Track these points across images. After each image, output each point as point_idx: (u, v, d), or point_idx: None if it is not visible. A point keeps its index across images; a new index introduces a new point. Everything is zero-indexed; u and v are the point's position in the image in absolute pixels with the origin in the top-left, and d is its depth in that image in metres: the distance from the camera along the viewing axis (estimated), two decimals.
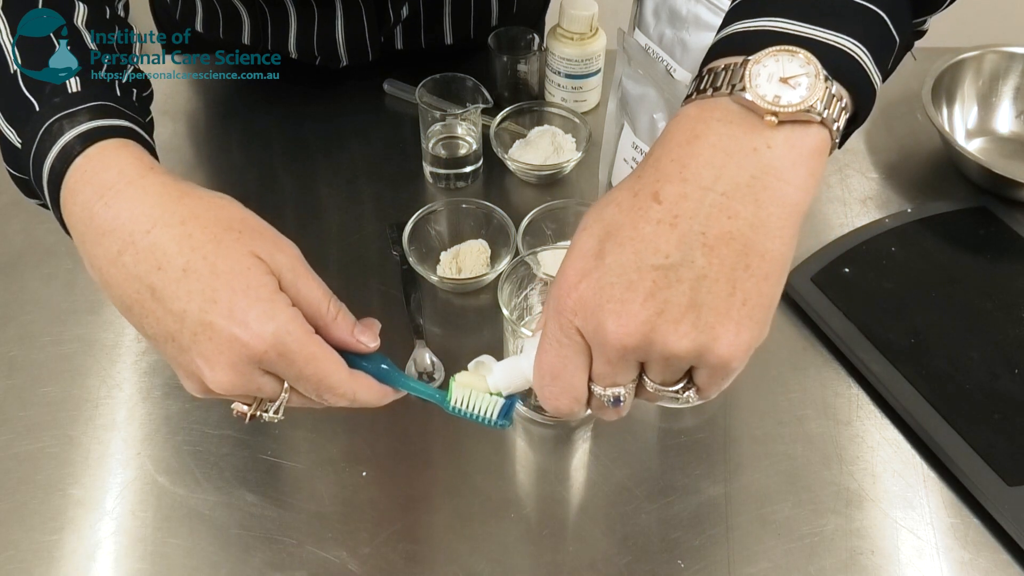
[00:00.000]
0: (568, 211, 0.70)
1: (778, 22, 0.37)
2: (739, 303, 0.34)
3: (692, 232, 0.34)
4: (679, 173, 0.35)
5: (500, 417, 0.44)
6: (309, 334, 0.40)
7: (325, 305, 0.42)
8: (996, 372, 0.61)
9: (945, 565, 0.53)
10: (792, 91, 0.35)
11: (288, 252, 0.42)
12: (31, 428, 0.59)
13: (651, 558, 0.53)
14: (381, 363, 0.45)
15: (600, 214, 0.37)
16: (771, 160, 0.35)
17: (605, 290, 0.35)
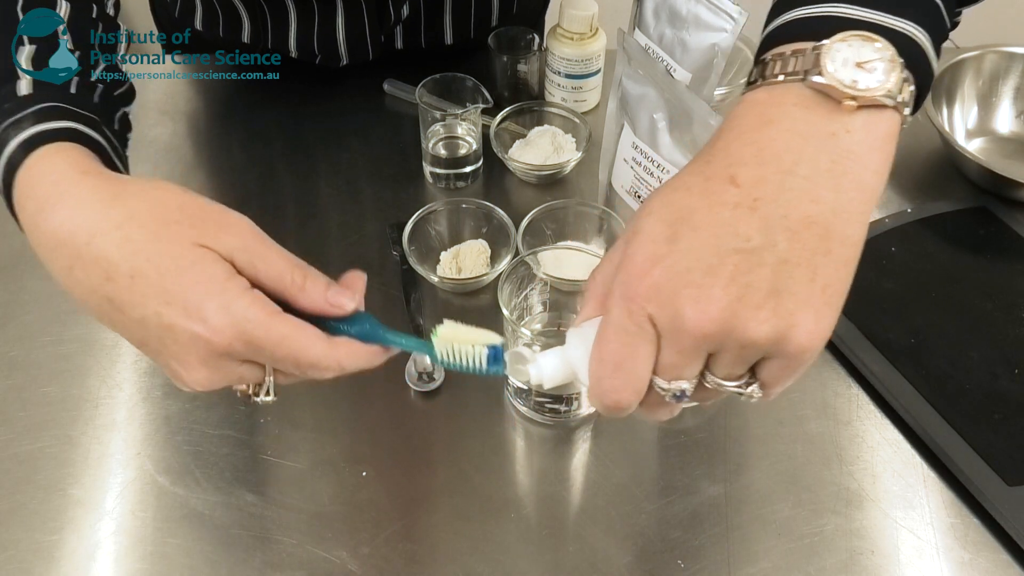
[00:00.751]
0: (568, 211, 0.70)
1: (841, 7, 0.37)
2: (819, 289, 0.33)
3: (774, 215, 0.33)
4: (756, 156, 0.35)
5: (490, 364, 0.42)
6: (272, 315, 0.39)
7: (288, 276, 0.40)
8: (996, 372, 0.61)
9: (945, 565, 0.53)
10: (869, 75, 0.34)
11: (236, 231, 0.40)
12: (31, 428, 0.59)
13: (651, 558, 0.53)
14: (366, 322, 0.42)
15: (668, 198, 0.36)
16: (850, 145, 0.34)
17: (682, 275, 0.34)
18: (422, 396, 0.61)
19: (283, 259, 0.40)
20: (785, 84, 0.35)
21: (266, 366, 0.41)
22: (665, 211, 0.35)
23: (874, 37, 0.35)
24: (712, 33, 0.57)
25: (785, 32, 0.38)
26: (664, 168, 0.61)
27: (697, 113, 0.57)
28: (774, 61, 0.37)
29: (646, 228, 0.35)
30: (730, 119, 0.37)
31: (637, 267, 0.35)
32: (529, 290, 0.60)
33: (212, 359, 0.39)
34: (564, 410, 0.59)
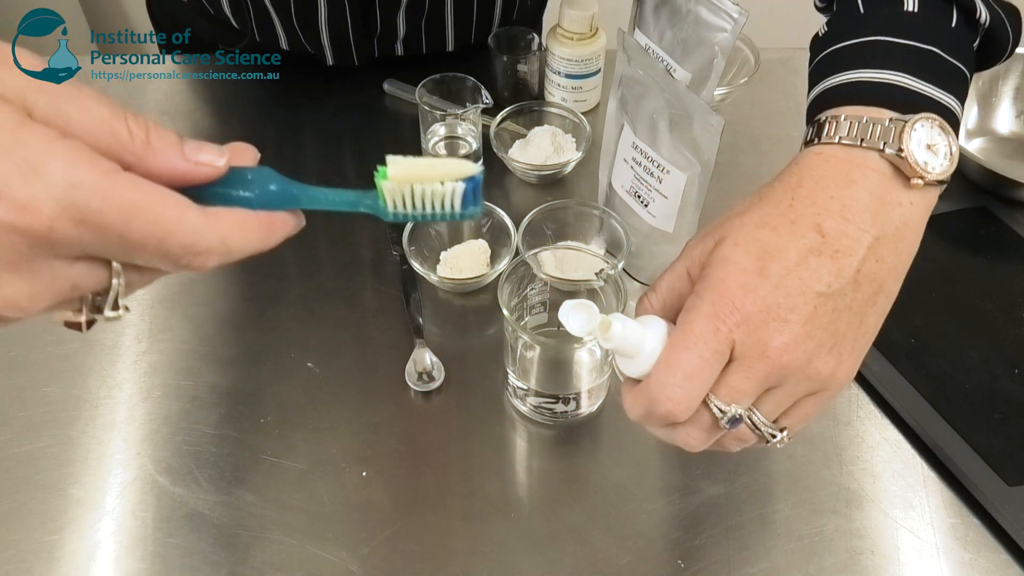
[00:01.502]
0: (568, 211, 0.70)
1: (903, 78, 0.41)
2: (862, 335, 0.39)
3: (849, 268, 0.38)
4: (840, 212, 0.38)
5: (467, 204, 0.32)
6: (110, 174, 0.26)
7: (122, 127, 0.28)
8: (996, 372, 0.61)
9: (945, 565, 0.53)
10: (935, 158, 0.39)
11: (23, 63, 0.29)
12: (31, 428, 0.59)
13: (651, 558, 0.53)
14: (269, 184, 0.31)
15: (755, 234, 0.39)
16: (910, 215, 0.39)
17: (771, 309, 0.37)
18: (422, 396, 0.61)
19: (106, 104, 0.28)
20: (864, 149, 0.39)
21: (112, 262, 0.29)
22: (752, 245, 0.38)
23: (942, 123, 0.39)
24: (712, 33, 0.57)
25: (855, 92, 0.42)
26: (664, 168, 0.61)
27: (697, 113, 0.57)
28: (850, 122, 0.40)
29: (735, 257, 0.38)
30: (810, 168, 0.40)
31: (731, 292, 0.37)
32: (529, 290, 0.60)
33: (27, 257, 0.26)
34: (564, 410, 0.59)
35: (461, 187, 0.31)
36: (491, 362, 0.63)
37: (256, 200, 0.31)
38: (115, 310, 0.30)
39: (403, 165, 0.31)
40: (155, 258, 0.28)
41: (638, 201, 0.66)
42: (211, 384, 0.62)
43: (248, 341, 0.65)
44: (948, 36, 0.43)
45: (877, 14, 0.44)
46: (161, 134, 0.29)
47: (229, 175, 0.30)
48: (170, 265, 0.29)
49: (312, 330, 0.65)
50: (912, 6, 0.44)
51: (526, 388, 0.59)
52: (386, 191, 0.32)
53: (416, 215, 0.32)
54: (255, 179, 0.31)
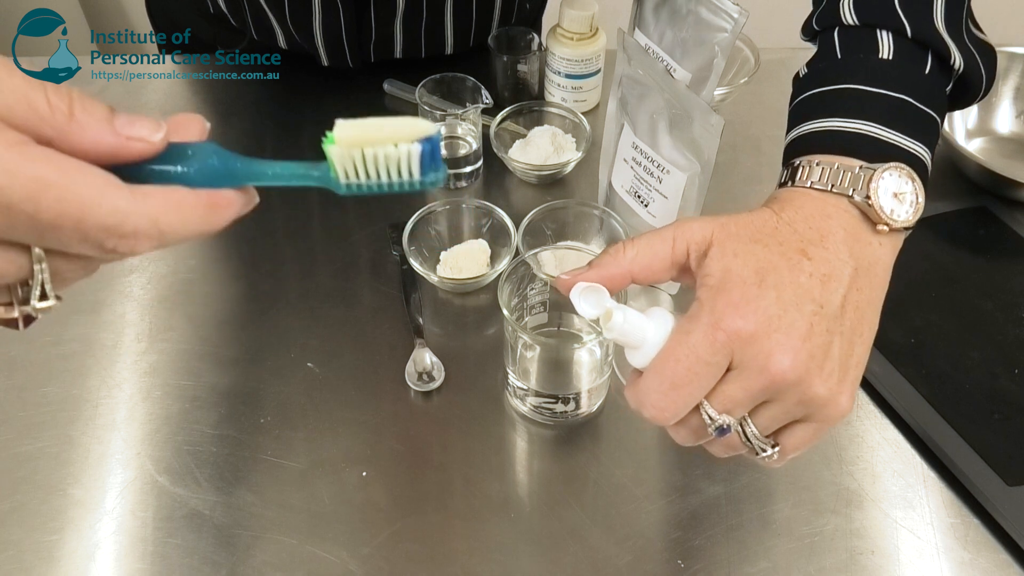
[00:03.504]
0: (568, 211, 0.70)
1: (875, 129, 0.43)
2: (854, 364, 0.39)
3: (837, 293, 0.39)
4: (821, 241, 0.40)
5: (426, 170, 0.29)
6: (18, 146, 0.24)
7: (39, 96, 0.25)
8: (996, 372, 0.61)
9: (945, 565, 0.53)
10: (901, 206, 0.41)
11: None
12: (31, 428, 0.59)
13: (651, 558, 0.53)
14: (209, 158, 0.28)
15: (749, 248, 0.39)
16: (880, 254, 0.41)
17: (772, 321, 0.37)
18: (422, 396, 0.61)
19: (19, 74, 0.25)
20: (835, 194, 0.41)
21: (32, 248, 0.26)
22: (750, 259, 0.39)
23: (910, 171, 0.41)
24: (712, 33, 0.57)
25: (828, 141, 0.44)
26: (664, 168, 0.61)
27: (697, 113, 0.57)
28: (822, 168, 0.42)
29: (736, 269, 0.39)
30: (789, 200, 0.42)
31: (732, 301, 0.38)
32: (529, 290, 0.60)
33: None
34: (564, 410, 0.59)
35: (417, 149, 0.28)
36: (491, 362, 0.63)
37: (196, 176, 0.27)
38: (44, 300, 0.27)
39: (351, 128, 0.28)
40: (75, 242, 0.25)
41: (638, 201, 0.66)
42: (211, 384, 0.62)
43: (248, 341, 0.65)
44: (921, 83, 0.45)
45: (853, 61, 0.46)
46: (87, 106, 0.26)
47: (168, 151, 0.27)
48: (94, 249, 0.26)
49: (312, 330, 0.65)
50: (887, 53, 0.45)
51: (526, 388, 0.59)
52: (335, 158, 0.28)
53: (371, 185, 0.29)
54: (195, 154, 0.27)
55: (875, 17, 0.46)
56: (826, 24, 0.49)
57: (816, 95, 0.46)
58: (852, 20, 0.47)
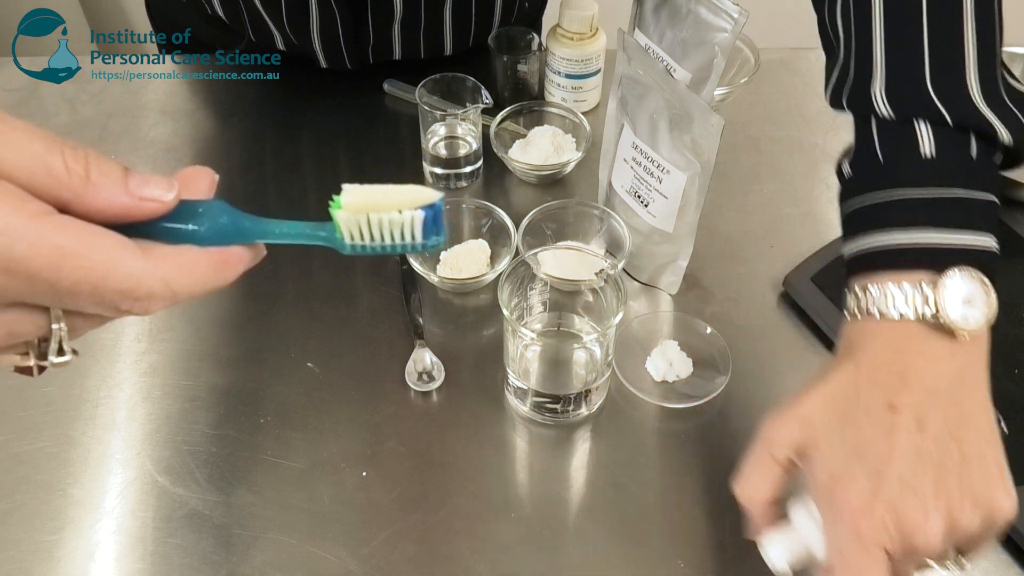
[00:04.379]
0: (568, 211, 0.70)
1: (929, 235, 0.43)
2: (996, 469, 0.41)
3: (940, 429, 0.40)
4: (902, 385, 0.41)
5: (428, 234, 0.30)
6: (36, 218, 0.25)
7: (58, 163, 0.26)
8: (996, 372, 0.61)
9: None
10: (974, 310, 0.42)
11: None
12: (31, 428, 0.59)
13: (651, 558, 0.53)
14: (219, 216, 0.29)
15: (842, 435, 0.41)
16: (967, 359, 0.43)
17: (896, 501, 0.39)
18: (422, 396, 0.61)
19: (40, 139, 0.26)
20: (903, 322, 0.42)
21: (50, 308, 0.28)
22: (841, 448, 0.41)
23: (972, 271, 0.42)
24: (712, 33, 0.57)
25: (887, 259, 0.44)
26: (664, 168, 0.61)
27: (697, 113, 0.57)
28: (885, 293, 0.43)
29: (841, 470, 0.41)
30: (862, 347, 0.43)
31: (857, 508, 0.40)
32: (529, 290, 0.60)
33: None
34: (564, 410, 0.59)
35: (420, 216, 0.29)
36: (491, 362, 0.63)
37: (206, 234, 0.28)
38: (60, 355, 0.29)
39: (358, 193, 0.29)
40: (91, 305, 0.27)
41: (638, 201, 0.66)
42: (211, 384, 0.62)
43: (248, 341, 0.65)
44: (970, 170, 0.45)
45: (895, 164, 0.46)
46: (103, 168, 0.27)
47: (178, 208, 0.28)
48: (110, 311, 0.27)
49: (312, 330, 0.65)
50: (929, 150, 0.45)
51: (526, 388, 0.59)
52: (342, 222, 0.30)
53: (375, 247, 0.30)
54: (205, 212, 0.28)
55: (911, 107, 0.45)
56: (860, 111, 0.48)
57: (867, 209, 0.46)
58: (887, 113, 0.46)
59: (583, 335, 0.63)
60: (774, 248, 0.72)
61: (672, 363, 0.62)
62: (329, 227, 0.30)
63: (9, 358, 0.29)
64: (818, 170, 0.79)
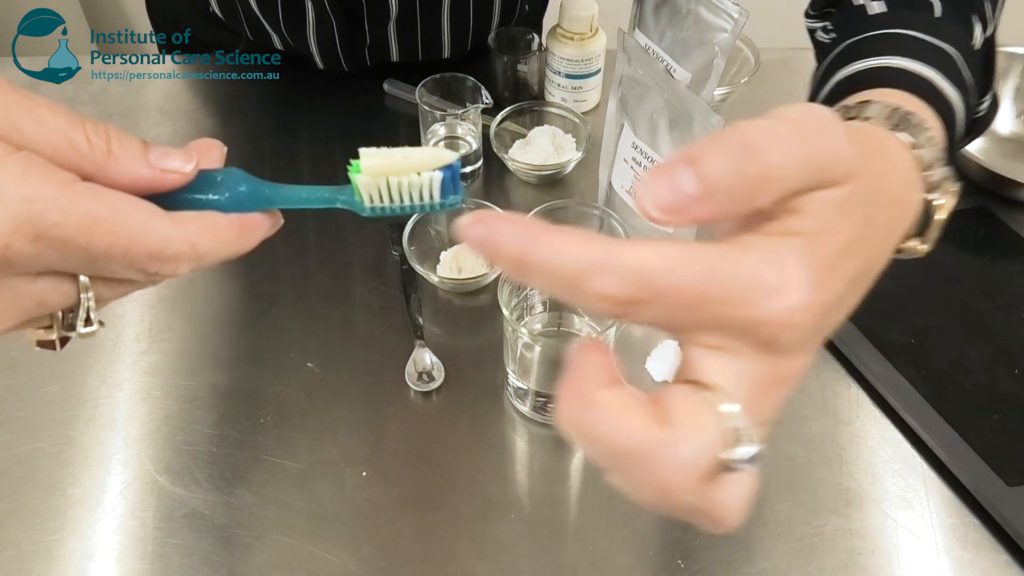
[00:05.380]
0: (568, 211, 0.70)
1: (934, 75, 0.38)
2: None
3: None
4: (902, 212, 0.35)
5: (447, 193, 0.30)
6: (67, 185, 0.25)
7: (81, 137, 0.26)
8: (996, 372, 0.61)
9: (945, 565, 0.53)
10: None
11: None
12: (31, 428, 0.59)
13: (651, 558, 0.53)
14: (239, 185, 0.30)
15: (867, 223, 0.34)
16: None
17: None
18: (422, 396, 0.61)
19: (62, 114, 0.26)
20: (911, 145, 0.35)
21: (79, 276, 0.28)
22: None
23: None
24: (712, 33, 0.57)
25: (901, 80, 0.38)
26: None
27: (697, 113, 0.57)
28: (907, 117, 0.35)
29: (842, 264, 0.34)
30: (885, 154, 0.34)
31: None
32: (529, 290, 0.60)
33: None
34: None
35: (439, 176, 0.30)
36: (491, 362, 0.63)
37: (227, 203, 0.29)
38: (88, 326, 0.29)
39: (376, 158, 0.29)
40: (122, 269, 0.27)
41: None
42: (211, 384, 0.62)
43: (248, 341, 0.65)
44: (967, 48, 0.42)
45: (904, 14, 0.43)
46: (123, 142, 0.27)
47: (197, 178, 0.29)
48: (139, 274, 0.28)
49: (312, 330, 0.65)
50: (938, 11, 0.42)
51: (526, 388, 0.59)
52: (361, 186, 0.30)
53: (395, 208, 0.30)
54: (224, 181, 0.29)
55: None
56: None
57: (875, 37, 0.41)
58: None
59: (583, 335, 0.63)
60: None
61: (672, 363, 0.62)
62: (348, 191, 0.30)
63: (32, 333, 0.29)
64: None
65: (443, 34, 0.83)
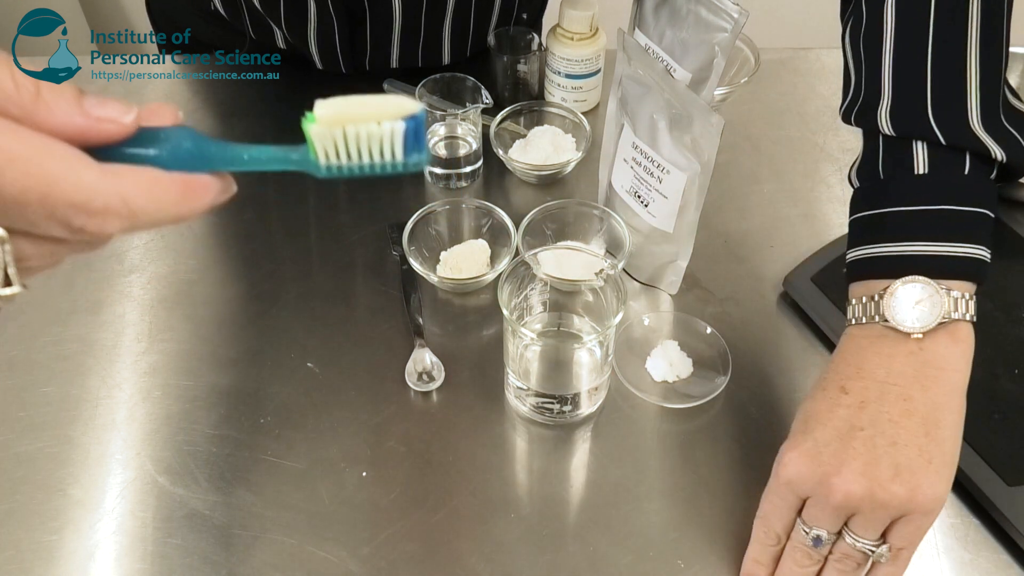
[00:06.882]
0: (568, 211, 0.70)
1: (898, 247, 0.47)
2: (927, 463, 0.44)
3: (879, 412, 0.45)
4: (857, 372, 0.47)
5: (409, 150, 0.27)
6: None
7: (5, 74, 0.25)
8: (996, 372, 0.61)
9: (945, 565, 0.53)
10: (925, 311, 0.45)
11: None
12: (31, 428, 0.59)
13: (651, 558, 0.53)
14: (183, 141, 0.27)
15: (802, 407, 0.49)
16: (927, 357, 0.46)
17: (819, 456, 0.45)
18: (422, 396, 0.61)
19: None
20: (868, 324, 0.48)
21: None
22: (799, 415, 0.48)
23: (925, 280, 0.46)
24: (712, 33, 0.57)
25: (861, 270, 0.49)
26: (664, 168, 0.61)
27: (697, 113, 0.57)
28: (856, 304, 0.49)
29: (792, 429, 0.48)
30: (836, 350, 0.50)
31: (784, 456, 0.47)
32: (529, 290, 0.60)
33: None
34: (564, 410, 0.59)
35: (401, 127, 0.27)
36: (491, 362, 0.63)
37: (169, 160, 0.26)
38: (7, 286, 0.25)
39: (333, 106, 0.26)
40: (40, 218, 0.24)
41: (638, 201, 0.66)
42: (211, 384, 0.62)
43: (248, 341, 0.65)
44: (960, 186, 0.47)
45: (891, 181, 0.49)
46: (55, 88, 0.25)
47: (140, 134, 0.26)
48: (61, 228, 0.25)
49: (312, 330, 0.65)
50: (922, 167, 0.48)
51: (526, 388, 0.59)
52: (316, 138, 0.27)
53: (353, 168, 0.27)
54: (168, 137, 0.26)
55: (910, 129, 0.48)
56: (867, 128, 0.51)
57: (863, 220, 0.50)
58: (889, 131, 0.49)
59: (583, 335, 0.63)
60: (774, 248, 0.72)
61: (672, 363, 0.62)
62: (303, 149, 0.28)
63: None
64: (818, 170, 0.79)
65: (443, 43, 0.83)
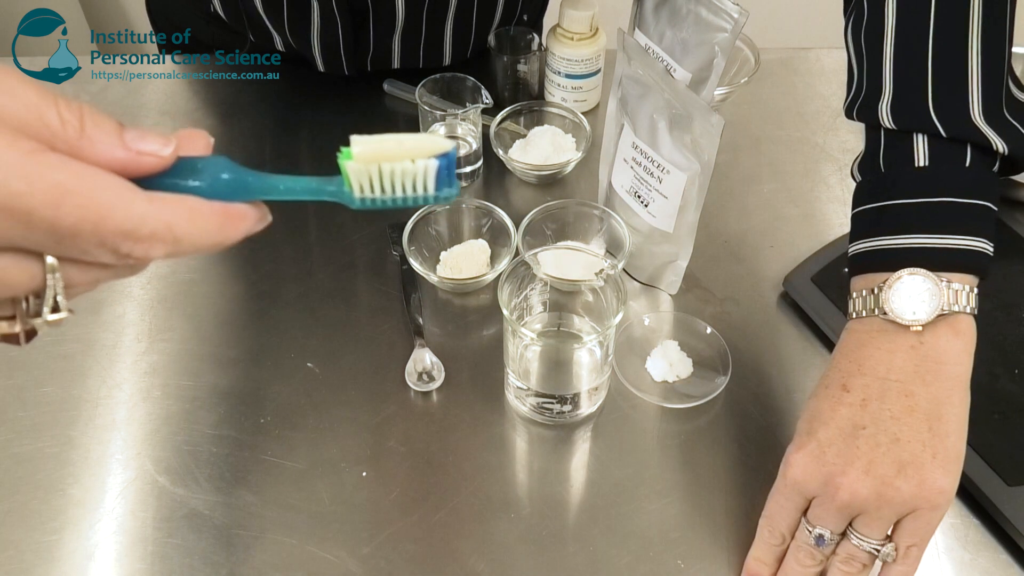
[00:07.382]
0: (568, 211, 0.70)
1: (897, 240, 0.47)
2: (931, 457, 0.44)
3: (881, 409, 0.45)
4: (858, 369, 0.47)
5: (441, 186, 0.29)
6: (34, 155, 0.24)
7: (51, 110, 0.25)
8: (996, 372, 0.61)
9: (945, 565, 0.53)
10: (924, 304, 0.45)
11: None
12: (31, 428, 0.59)
13: (651, 558, 0.53)
14: (221, 172, 0.28)
15: (805, 406, 0.49)
16: (927, 351, 0.46)
17: (823, 457, 0.46)
18: (422, 396, 0.61)
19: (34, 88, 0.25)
20: (868, 317, 0.48)
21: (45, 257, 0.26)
22: (804, 415, 0.49)
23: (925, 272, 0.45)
24: (712, 33, 0.57)
25: (860, 263, 0.49)
26: (664, 168, 0.61)
27: (697, 113, 0.57)
28: (857, 297, 0.48)
29: (797, 429, 0.48)
30: (837, 345, 0.50)
31: (790, 457, 0.48)
32: (529, 290, 0.60)
33: None
34: (564, 410, 0.59)
35: (434, 164, 0.28)
36: (491, 362, 0.63)
37: (208, 190, 0.27)
38: (55, 312, 0.26)
39: (369, 144, 0.28)
40: (91, 247, 0.25)
41: (638, 201, 0.66)
42: (211, 384, 0.62)
43: (248, 341, 0.65)
44: (961, 178, 0.47)
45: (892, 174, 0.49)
46: (97, 121, 0.26)
47: (178, 165, 0.27)
48: (110, 255, 0.26)
49: (312, 330, 0.65)
50: (923, 160, 0.48)
51: (526, 388, 0.59)
52: (351, 173, 0.28)
53: (386, 200, 0.29)
54: (206, 168, 0.28)
55: (910, 122, 0.48)
56: (869, 123, 0.51)
57: (865, 213, 0.50)
58: (890, 125, 0.49)
59: (583, 335, 0.63)
60: (774, 248, 0.72)
61: (672, 363, 0.62)
62: (337, 181, 0.29)
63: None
64: (818, 170, 0.79)
65: (445, 43, 0.83)
